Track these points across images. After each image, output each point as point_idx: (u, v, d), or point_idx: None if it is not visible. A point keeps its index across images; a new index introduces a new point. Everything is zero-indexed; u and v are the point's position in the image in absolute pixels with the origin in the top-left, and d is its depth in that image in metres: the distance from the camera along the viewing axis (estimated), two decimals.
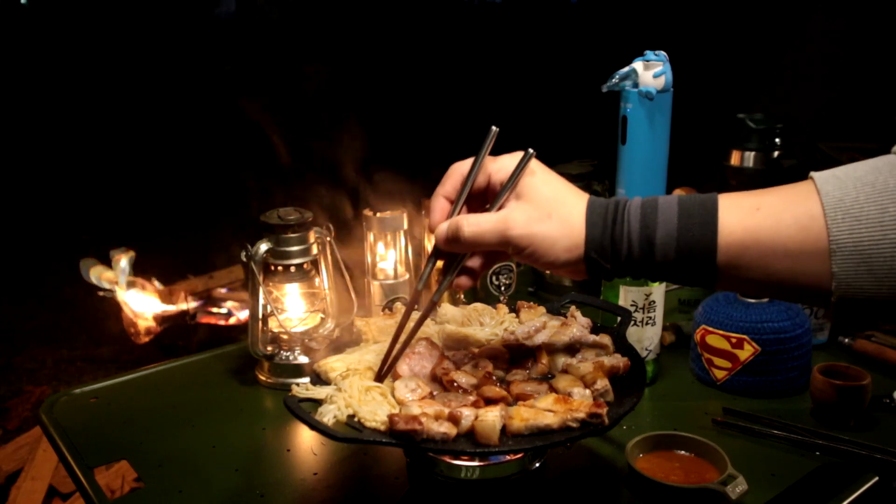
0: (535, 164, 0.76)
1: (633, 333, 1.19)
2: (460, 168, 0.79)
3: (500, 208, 0.76)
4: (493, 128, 0.78)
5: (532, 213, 0.73)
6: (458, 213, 0.79)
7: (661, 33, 5.54)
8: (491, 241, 0.74)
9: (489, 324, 1.05)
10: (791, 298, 0.68)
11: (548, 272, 1.71)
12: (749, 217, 0.67)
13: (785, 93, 4.07)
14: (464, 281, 0.80)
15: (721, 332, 1.24)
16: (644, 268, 0.72)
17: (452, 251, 0.78)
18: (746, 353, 1.22)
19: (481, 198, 0.80)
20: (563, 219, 0.72)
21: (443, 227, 0.77)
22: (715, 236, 0.67)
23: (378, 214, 1.42)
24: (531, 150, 0.76)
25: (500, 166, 0.77)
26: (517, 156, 0.77)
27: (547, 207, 0.73)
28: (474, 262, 0.81)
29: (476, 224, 0.74)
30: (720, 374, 1.25)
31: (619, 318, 1.07)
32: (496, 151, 0.80)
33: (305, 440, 1.13)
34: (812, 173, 0.67)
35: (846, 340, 1.38)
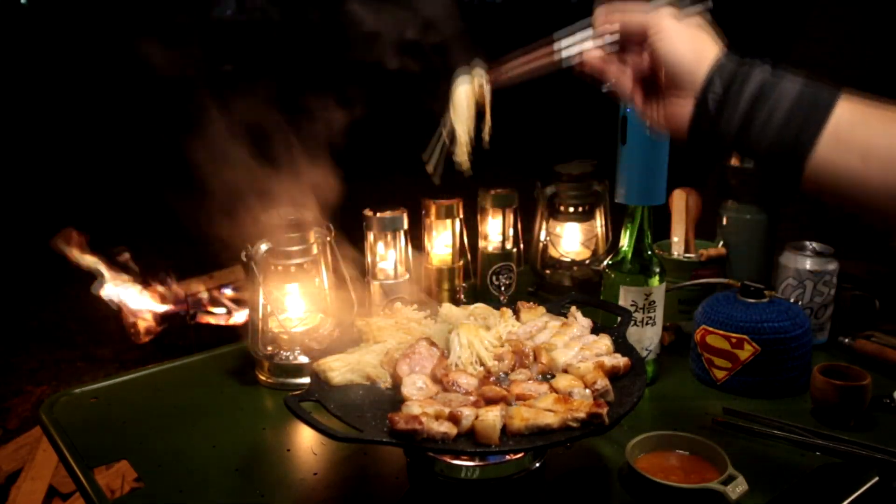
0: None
1: (633, 333, 1.19)
2: None
3: None
4: None
5: (677, 19, 0.81)
6: None
7: None
8: (636, 13, 0.82)
9: (490, 324, 1.05)
10: (874, 207, 0.73)
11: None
12: (864, 101, 0.73)
13: None
14: (595, 53, 0.87)
15: (721, 332, 1.24)
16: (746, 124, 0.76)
17: (607, 20, 0.85)
18: (746, 353, 1.22)
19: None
20: (698, 39, 0.79)
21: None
22: (825, 118, 0.72)
23: (378, 214, 1.42)
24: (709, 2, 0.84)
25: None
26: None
27: (691, 24, 0.81)
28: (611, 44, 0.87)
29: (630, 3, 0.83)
30: (720, 374, 1.25)
31: (619, 318, 1.07)
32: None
33: (305, 440, 1.13)
34: None
35: (846, 340, 1.38)
